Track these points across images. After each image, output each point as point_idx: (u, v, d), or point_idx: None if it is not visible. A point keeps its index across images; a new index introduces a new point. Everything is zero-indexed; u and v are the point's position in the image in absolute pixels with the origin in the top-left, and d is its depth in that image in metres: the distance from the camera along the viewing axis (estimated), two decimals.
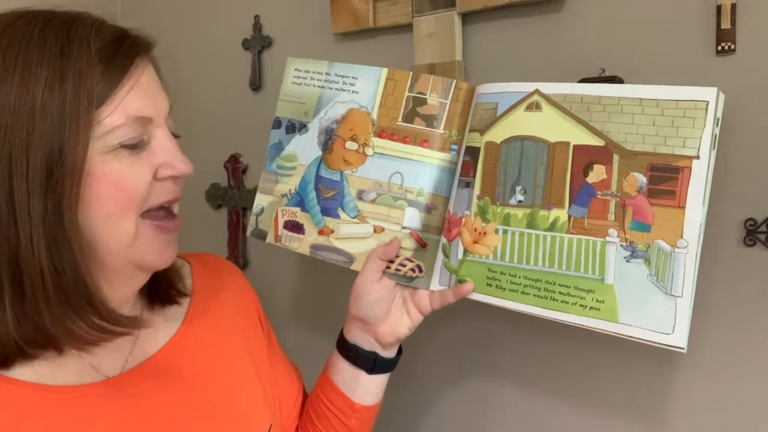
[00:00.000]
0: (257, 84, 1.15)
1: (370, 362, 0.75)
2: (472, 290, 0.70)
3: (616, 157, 0.63)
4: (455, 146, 0.74)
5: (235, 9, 1.16)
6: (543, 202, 0.66)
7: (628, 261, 0.62)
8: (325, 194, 0.79)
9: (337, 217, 0.78)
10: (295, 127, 0.82)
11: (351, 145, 0.78)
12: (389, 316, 0.74)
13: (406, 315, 0.75)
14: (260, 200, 0.84)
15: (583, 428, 0.87)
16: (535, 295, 0.66)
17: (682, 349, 0.59)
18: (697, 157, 0.60)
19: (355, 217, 0.77)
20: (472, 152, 0.72)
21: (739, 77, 0.73)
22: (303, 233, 0.80)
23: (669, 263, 0.60)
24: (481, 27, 0.90)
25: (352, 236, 0.77)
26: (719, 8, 0.73)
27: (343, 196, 0.78)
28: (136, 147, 0.57)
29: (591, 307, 0.63)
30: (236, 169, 1.18)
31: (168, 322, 0.68)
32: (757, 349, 0.74)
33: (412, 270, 0.73)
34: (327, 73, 0.80)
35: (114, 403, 0.59)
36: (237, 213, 1.20)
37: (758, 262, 0.73)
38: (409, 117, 0.75)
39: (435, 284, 0.73)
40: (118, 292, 0.61)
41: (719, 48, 0.73)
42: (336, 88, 0.80)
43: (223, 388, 0.68)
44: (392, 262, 0.73)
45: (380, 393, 0.78)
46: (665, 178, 0.61)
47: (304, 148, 0.81)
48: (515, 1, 0.84)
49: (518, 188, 0.68)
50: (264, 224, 0.84)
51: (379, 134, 0.77)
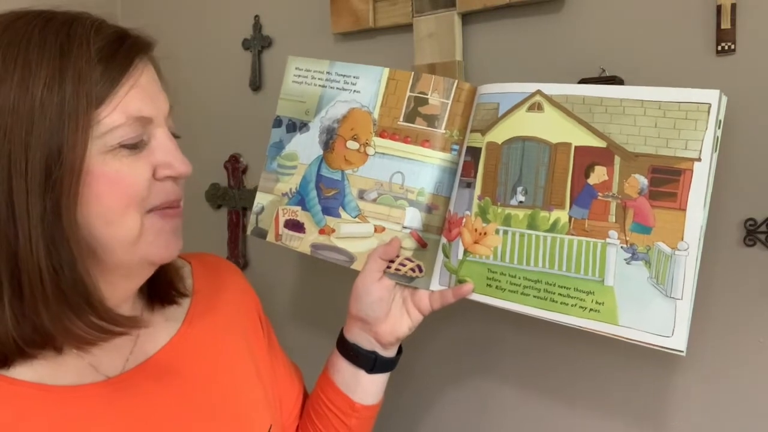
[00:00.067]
0: (257, 84, 1.14)
1: (370, 362, 0.76)
2: (472, 290, 0.70)
3: (617, 159, 0.63)
4: (456, 146, 0.74)
5: (235, 9, 1.16)
6: (544, 203, 0.66)
7: (628, 263, 0.62)
8: (326, 193, 0.79)
9: (338, 216, 0.78)
10: (296, 126, 0.82)
11: (352, 145, 0.78)
12: (389, 315, 0.74)
13: (406, 315, 0.75)
14: (261, 199, 0.84)
15: (583, 429, 0.87)
16: (534, 296, 0.66)
17: (682, 352, 0.59)
18: (699, 160, 0.60)
19: (356, 217, 0.77)
20: (474, 152, 0.71)
21: (739, 77, 0.73)
22: (304, 232, 0.80)
23: (669, 266, 0.60)
24: (481, 27, 0.90)
25: (352, 235, 0.77)
26: (719, 8, 0.73)
27: (344, 196, 0.78)
28: (135, 147, 0.57)
29: (591, 309, 0.63)
30: (236, 169, 1.18)
31: (168, 323, 0.68)
32: (757, 350, 0.74)
33: (413, 270, 0.73)
34: (328, 72, 0.80)
35: (114, 403, 0.59)
36: (237, 213, 1.19)
37: (758, 262, 0.73)
38: (410, 117, 0.75)
39: (435, 284, 0.73)
40: (117, 292, 0.61)
41: (719, 48, 0.73)
42: (337, 88, 0.79)
43: (223, 388, 0.68)
44: (392, 261, 0.73)
45: (380, 393, 0.78)
46: (666, 180, 0.61)
47: (305, 147, 0.81)
48: (515, 1, 0.84)
49: (519, 189, 0.68)
50: (264, 223, 0.83)
51: (381, 134, 0.77)
